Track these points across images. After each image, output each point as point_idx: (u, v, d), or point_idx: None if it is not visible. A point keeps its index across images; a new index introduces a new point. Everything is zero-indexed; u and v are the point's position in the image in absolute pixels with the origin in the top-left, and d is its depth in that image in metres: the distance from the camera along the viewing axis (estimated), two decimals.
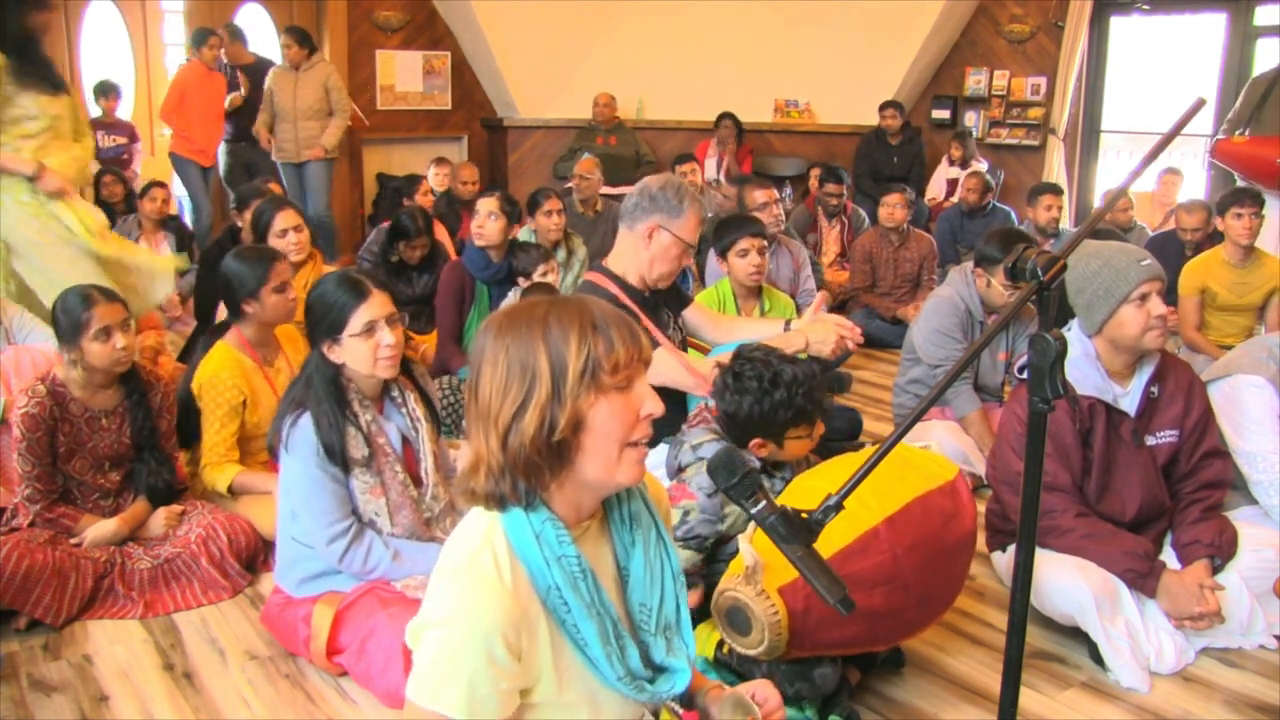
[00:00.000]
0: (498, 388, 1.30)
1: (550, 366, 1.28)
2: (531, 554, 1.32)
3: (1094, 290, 2.55)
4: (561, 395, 1.28)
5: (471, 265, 4.34)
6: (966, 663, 2.56)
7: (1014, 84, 8.06)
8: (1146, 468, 2.63)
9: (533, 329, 1.30)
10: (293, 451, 2.42)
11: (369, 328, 2.44)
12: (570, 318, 1.30)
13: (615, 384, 1.30)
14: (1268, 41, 6.88)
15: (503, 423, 1.29)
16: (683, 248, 2.92)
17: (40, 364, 3.54)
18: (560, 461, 1.31)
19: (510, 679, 1.29)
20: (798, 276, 5.00)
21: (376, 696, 2.33)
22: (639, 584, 1.44)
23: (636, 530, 1.45)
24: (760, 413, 2.32)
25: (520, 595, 1.31)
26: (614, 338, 1.30)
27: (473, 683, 1.26)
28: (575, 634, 1.35)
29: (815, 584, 1.31)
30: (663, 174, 3.01)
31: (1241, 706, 2.39)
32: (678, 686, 1.44)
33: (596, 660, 1.35)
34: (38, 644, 2.61)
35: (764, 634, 1.99)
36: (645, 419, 1.34)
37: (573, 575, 1.33)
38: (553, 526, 1.33)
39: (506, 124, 8.47)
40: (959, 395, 3.72)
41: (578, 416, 1.29)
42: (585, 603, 1.34)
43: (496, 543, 1.33)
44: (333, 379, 2.47)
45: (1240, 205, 4.45)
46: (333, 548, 2.43)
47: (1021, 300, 1.41)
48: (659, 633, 1.44)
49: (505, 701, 1.30)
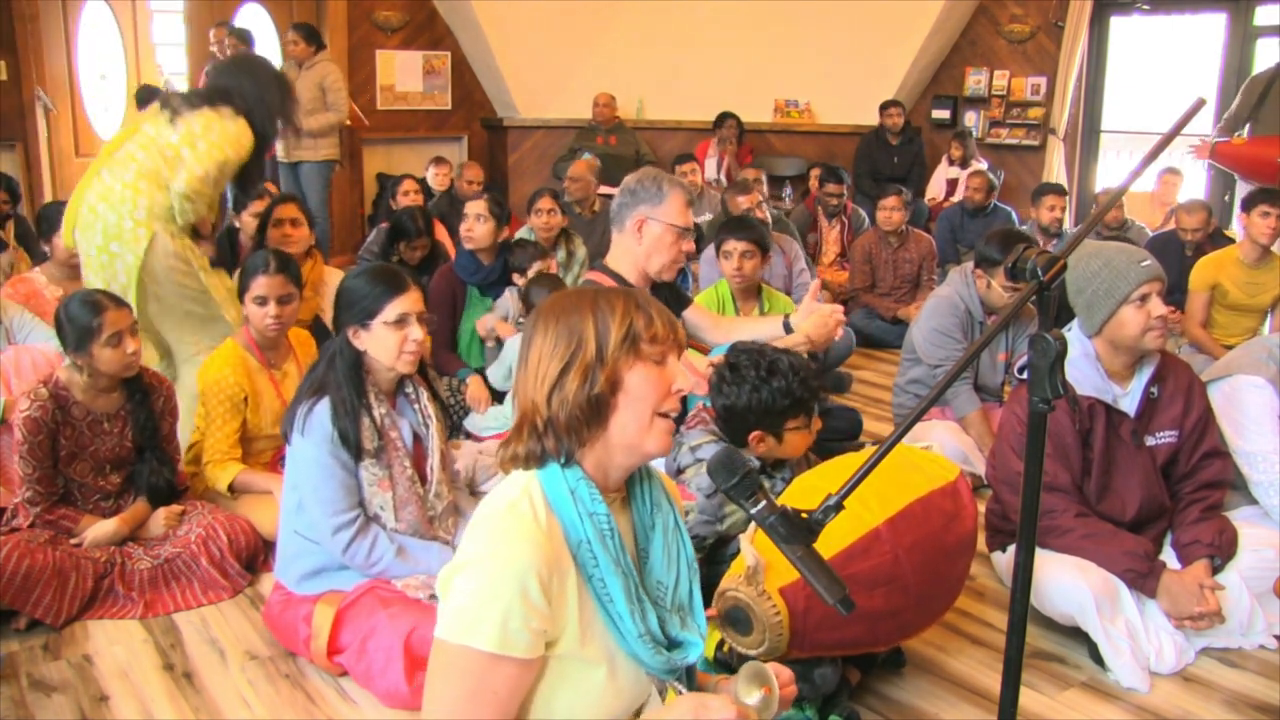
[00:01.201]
0: (546, 350, 1.43)
1: (595, 332, 1.42)
2: (566, 507, 1.41)
3: (1094, 290, 2.55)
4: (604, 357, 1.41)
5: (462, 270, 4.32)
6: (966, 663, 2.56)
7: (1014, 84, 8.06)
8: (1146, 468, 2.63)
9: (582, 305, 1.45)
10: (308, 435, 2.42)
11: (401, 320, 2.46)
12: (617, 298, 1.46)
13: (652, 355, 1.44)
14: (1268, 41, 6.87)
15: (549, 380, 1.42)
16: (676, 233, 2.91)
17: (40, 364, 3.54)
18: (598, 419, 1.42)
19: (541, 619, 1.35)
20: (790, 272, 5.01)
21: (376, 696, 2.33)
22: (658, 563, 1.53)
23: (657, 514, 1.54)
24: (758, 402, 2.34)
25: (554, 541, 1.39)
26: (654, 316, 1.46)
27: (506, 617, 1.32)
28: (601, 589, 1.42)
29: (815, 584, 1.31)
30: (639, 170, 3.01)
31: (1241, 706, 2.39)
32: (691, 656, 1.51)
33: (620, 617, 1.42)
34: (38, 644, 2.61)
35: (765, 634, 1.99)
36: (676, 393, 1.46)
37: (602, 532, 1.42)
38: (586, 485, 1.43)
39: (506, 124, 8.47)
40: (959, 395, 3.72)
41: (616, 377, 1.42)
42: (613, 558, 1.42)
43: (534, 494, 1.42)
44: (354, 364, 2.48)
45: (1270, 204, 4.42)
46: (338, 538, 2.43)
47: (1021, 300, 1.41)
48: (674, 610, 1.52)
49: (534, 641, 1.35)
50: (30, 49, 6.79)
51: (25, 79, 6.76)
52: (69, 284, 4.09)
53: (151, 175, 3.47)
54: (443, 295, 4.28)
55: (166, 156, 3.48)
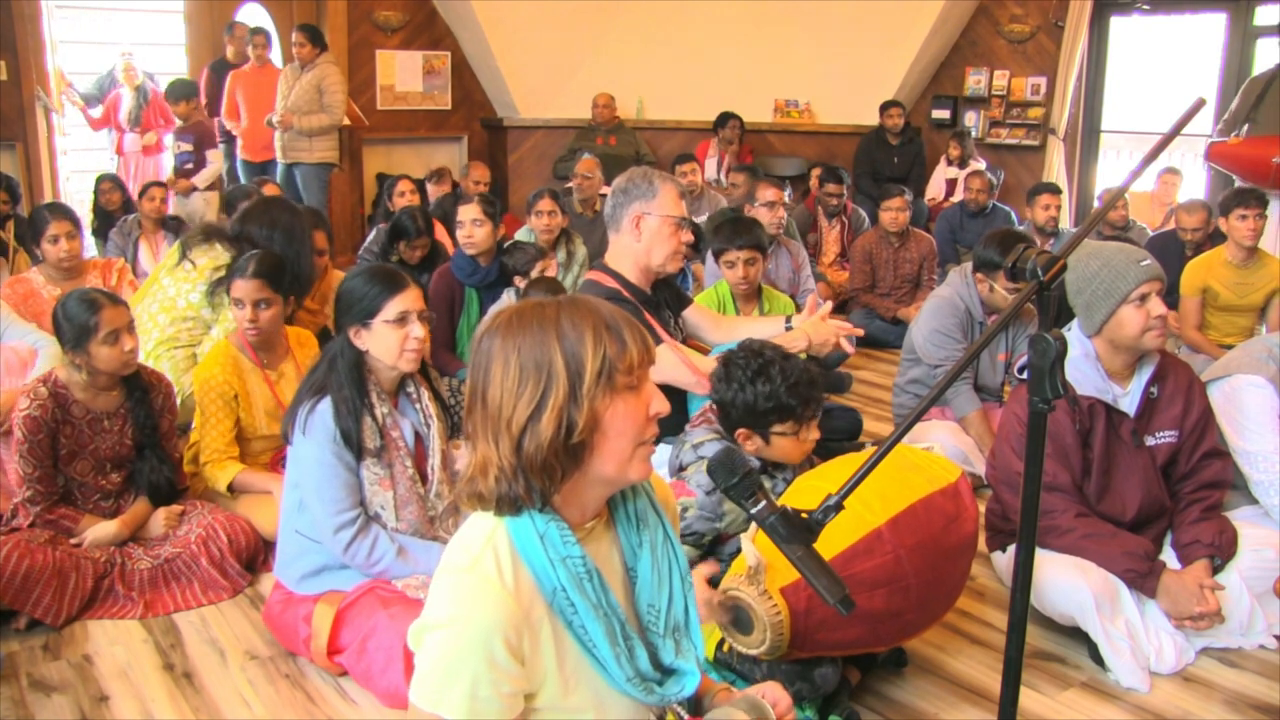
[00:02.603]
0: (510, 388, 1.28)
1: (566, 367, 1.27)
2: (536, 555, 1.31)
3: (1094, 291, 2.55)
4: (579, 396, 1.27)
5: (459, 272, 4.33)
6: (966, 663, 2.56)
7: (1014, 84, 8.06)
8: (1146, 468, 2.63)
9: (545, 329, 1.28)
10: (309, 435, 2.42)
11: (402, 318, 2.46)
12: (583, 317, 1.29)
13: (628, 384, 1.30)
14: (1268, 41, 6.87)
15: (517, 425, 1.27)
16: (673, 224, 2.92)
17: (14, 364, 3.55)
18: (575, 462, 1.30)
19: (512, 681, 1.28)
20: (797, 276, 5.01)
21: (376, 696, 2.33)
22: (647, 585, 1.43)
23: (644, 530, 1.44)
24: (742, 400, 2.35)
25: (523, 597, 1.30)
26: (626, 338, 1.30)
27: (474, 684, 1.25)
28: (583, 635, 1.33)
29: (815, 584, 1.31)
30: (626, 171, 3.02)
31: (1241, 706, 2.39)
32: (687, 689, 1.42)
33: (605, 661, 1.34)
34: (38, 644, 2.61)
35: (766, 634, 1.99)
36: (653, 418, 1.34)
37: (578, 576, 1.32)
38: (557, 527, 1.32)
39: (506, 124, 8.47)
40: (959, 395, 3.72)
41: (595, 418, 1.28)
42: (592, 603, 1.33)
43: (499, 545, 1.31)
44: (356, 364, 2.48)
45: (1245, 206, 4.42)
46: (339, 537, 2.43)
47: (1021, 300, 1.41)
48: (667, 634, 1.43)
49: (508, 705, 1.29)
50: (30, 49, 6.79)
51: (25, 79, 6.76)
52: (67, 284, 4.09)
53: (170, 340, 3.57)
54: (441, 296, 4.29)
55: (187, 319, 3.55)
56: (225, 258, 3.54)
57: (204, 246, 3.61)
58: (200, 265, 3.58)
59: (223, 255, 3.56)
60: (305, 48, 6.59)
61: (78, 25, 8.14)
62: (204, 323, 3.55)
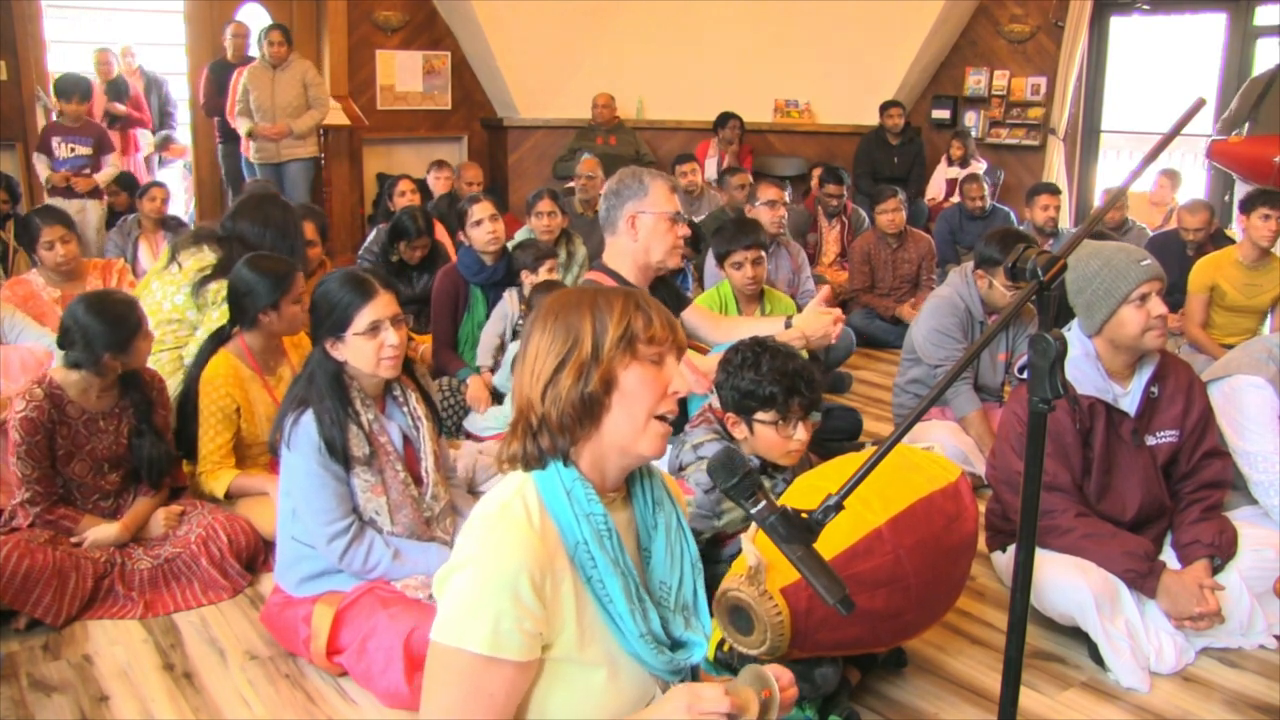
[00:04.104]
0: (544, 347, 1.43)
1: (592, 330, 1.42)
2: (561, 509, 1.41)
3: (1094, 290, 2.55)
4: (599, 355, 1.40)
5: (466, 270, 4.32)
6: (966, 663, 2.56)
7: (1014, 84, 8.06)
8: (1146, 468, 2.63)
9: (583, 303, 1.45)
10: (295, 449, 2.42)
11: (374, 327, 2.45)
12: (616, 297, 1.45)
13: (649, 355, 1.43)
14: (1268, 41, 6.88)
15: (544, 377, 1.41)
16: (669, 220, 2.93)
17: (30, 364, 3.54)
18: (590, 418, 1.41)
19: (535, 621, 1.35)
20: (797, 277, 5.01)
21: (376, 696, 2.33)
22: (660, 563, 1.52)
23: (659, 513, 1.53)
24: (732, 386, 2.40)
25: (548, 544, 1.39)
26: (654, 317, 1.44)
27: (498, 619, 1.32)
28: (600, 590, 1.41)
29: (815, 584, 1.31)
30: (617, 172, 3.03)
31: (1241, 706, 2.39)
32: (695, 655, 1.51)
33: (620, 617, 1.42)
34: (38, 644, 2.61)
35: (766, 634, 1.99)
36: (672, 395, 1.45)
37: (599, 532, 1.41)
38: (582, 485, 1.42)
39: (506, 124, 8.47)
40: (959, 395, 3.72)
41: (611, 375, 1.41)
42: (611, 559, 1.41)
43: (529, 496, 1.42)
44: (335, 376, 2.47)
45: (1270, 206, 4.40)
46: (333, 546, 2.43)
47: (1021, 300, 1.41)
48: (677, 610, 1.51)
49: (528, 643, 1.35)
50: (30, 49, 6.78)
51: (25, 79, 6.75)
52: (66, 285, 4.10)
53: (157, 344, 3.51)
54: (446, 295, 4.28)
55: (172, 321, 3.53)
56: (211, 259, 3.52)
57: (192, 249, 3.58)
58: (186, 267, 3.54)
59: (209, 256, 3.53)
60: (282, 47, 6.60)
61: (77, 25, 8.15)
62: (189, 324, 3.51)
